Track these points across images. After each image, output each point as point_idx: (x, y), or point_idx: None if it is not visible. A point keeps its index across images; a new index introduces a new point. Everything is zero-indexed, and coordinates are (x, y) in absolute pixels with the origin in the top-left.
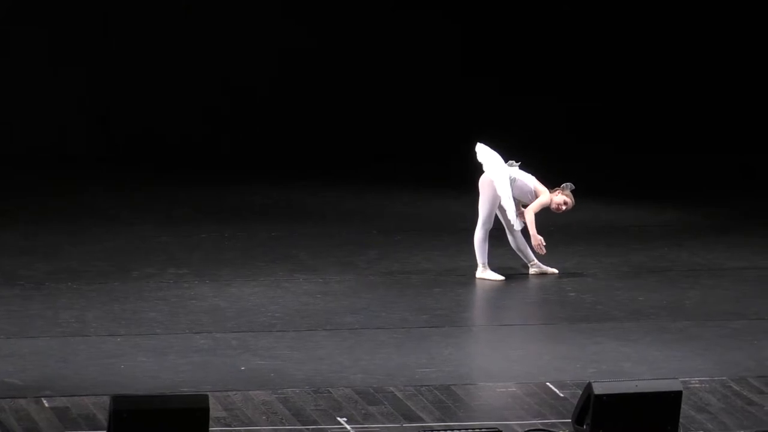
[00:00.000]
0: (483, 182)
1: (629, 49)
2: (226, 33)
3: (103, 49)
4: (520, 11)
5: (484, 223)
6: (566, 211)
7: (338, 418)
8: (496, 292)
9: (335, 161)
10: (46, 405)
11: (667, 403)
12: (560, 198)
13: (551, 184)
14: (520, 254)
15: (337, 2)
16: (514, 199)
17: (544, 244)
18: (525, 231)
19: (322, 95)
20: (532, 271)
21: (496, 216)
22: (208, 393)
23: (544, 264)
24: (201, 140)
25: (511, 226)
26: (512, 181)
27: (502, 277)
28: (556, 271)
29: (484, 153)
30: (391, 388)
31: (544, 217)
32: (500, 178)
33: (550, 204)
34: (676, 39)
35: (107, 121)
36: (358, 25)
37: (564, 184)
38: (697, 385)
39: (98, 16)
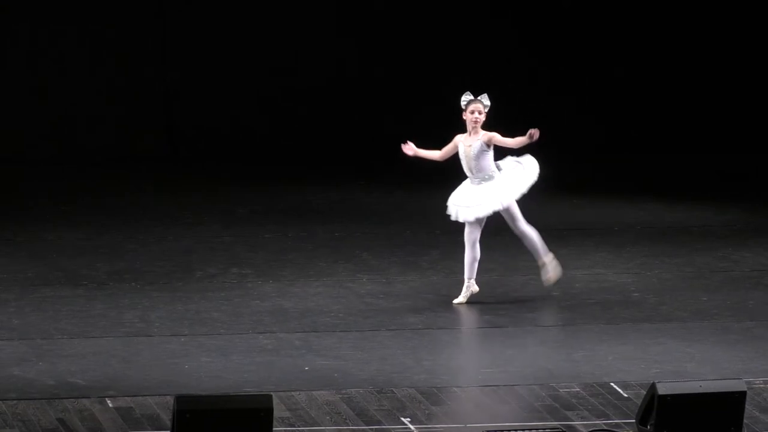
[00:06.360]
0: None
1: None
2: (289, 30)
3: (160, 47)
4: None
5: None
6: (477, 112)
7: (402, 418)
8: (559, 292)
9: (396, 161)
10: (110, 405)
11: (731, 404)
12: (467, 116)
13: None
14: (534, 253)
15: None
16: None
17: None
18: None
19: (379, 95)
20: (545, 262)
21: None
22: (271, 393)
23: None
24: (259, 140)
25: (519, 231)
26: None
27: (475, 290)
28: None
29: (464, 217)
30: (455, 389)
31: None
32: (467, 216)
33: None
34: (717, 35)
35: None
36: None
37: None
38: (761, 386)
39: (154, 13)
